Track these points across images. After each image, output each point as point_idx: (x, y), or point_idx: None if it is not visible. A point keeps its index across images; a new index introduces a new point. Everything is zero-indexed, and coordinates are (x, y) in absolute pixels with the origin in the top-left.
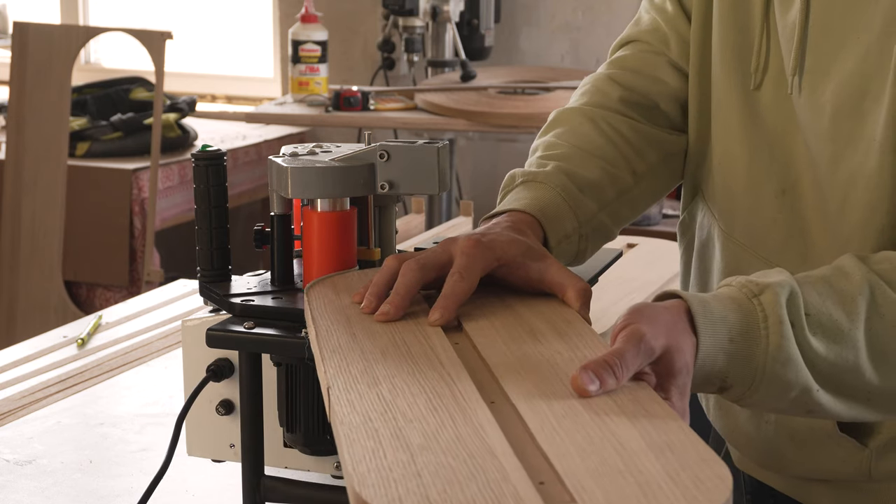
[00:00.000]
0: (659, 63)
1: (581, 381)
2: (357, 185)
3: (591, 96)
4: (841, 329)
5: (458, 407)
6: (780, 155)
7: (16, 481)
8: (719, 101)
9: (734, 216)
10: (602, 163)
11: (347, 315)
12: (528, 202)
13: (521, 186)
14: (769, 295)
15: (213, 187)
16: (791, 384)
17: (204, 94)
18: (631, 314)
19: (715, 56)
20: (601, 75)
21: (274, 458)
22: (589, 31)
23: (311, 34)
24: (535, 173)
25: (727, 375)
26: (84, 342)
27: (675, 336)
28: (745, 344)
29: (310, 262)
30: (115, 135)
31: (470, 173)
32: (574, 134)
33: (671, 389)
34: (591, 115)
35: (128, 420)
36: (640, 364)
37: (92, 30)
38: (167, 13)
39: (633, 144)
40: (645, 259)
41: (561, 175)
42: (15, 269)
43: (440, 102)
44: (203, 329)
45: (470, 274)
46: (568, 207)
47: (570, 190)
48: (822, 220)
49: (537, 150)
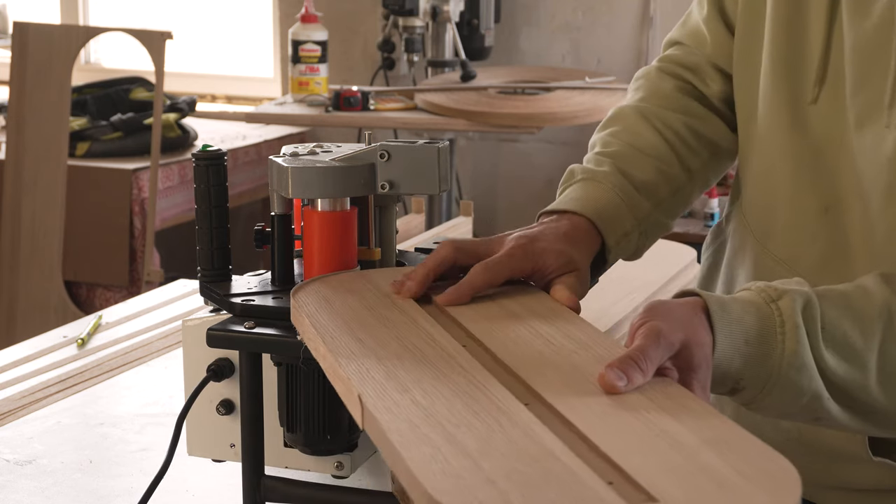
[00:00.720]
0: (701, 63)
1: (609, 378)
2: (357, 185)
3: (645, 91)
4: (854, 348)
5: (498, 410)
6: (826, 171)
7: (16, 481)
8: (764, 113)
9: (771, 230)
10: (657, 162)
11: (345, 320)
12: (587, 204)
13: (581, 184)
14: (787, 301)
15: (213, 187)
16: (803, 390)
17: (204, 94)
18: (648, 311)
19: (765, 69)
20: (653, 69)
21: (274, 458)
22: (589, 31)
23: (311, 34)
24: (594, 172)
25: (742, 377)
26: (84, 342)
27: (693, 330)
28: (760, 347)
29: (310, 262)
30: (115, 135)
31: (470, 173)
32: (629, 133)
33: (693, 384)
34: (645, 113)
35: (128, 420)
36: (661, 358)
37: (92, 30)
38: (167, 13)
39: (685, 141)
40: (645, 259)
41: (618, 175)
42: (15, 269)
43: (440, 102)
44: (203, 329)
45: (497, 270)
46: (626, 207)
47: (627, 190)
48: (865, 242)
49: (595, 146)
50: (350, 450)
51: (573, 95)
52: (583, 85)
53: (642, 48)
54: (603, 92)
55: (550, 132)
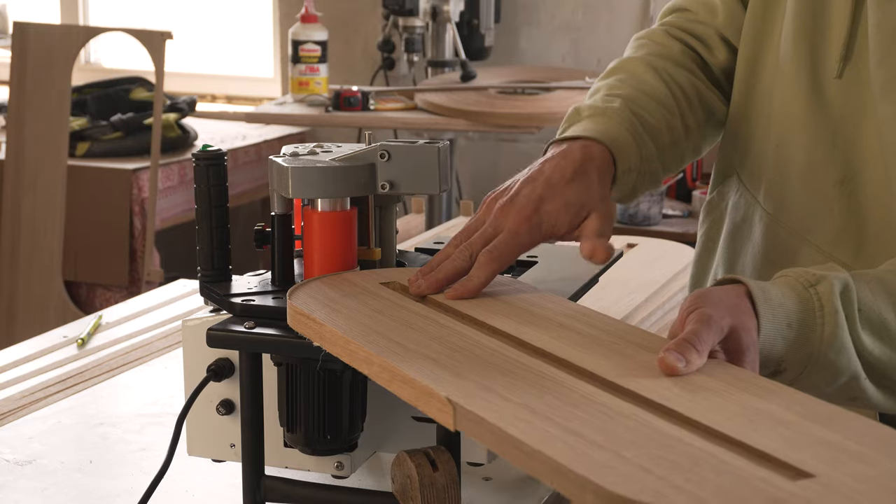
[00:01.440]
0: (708, 32)
1: (669, 360)
2: (358, 184)
3: (650, 48)
4: (889, 329)
5: (590, 400)
6: (843, 144)
7: (16, 481)
8: (783, 85)
9: (786, 201)
10: (662, 109)
11: (364, 323)
12: (600, 131)
13: (589, 119)
14: (825, 286)
15: (213, 187)
16: (842, 371)
17: (204, 94)
18: (696, 298)
19: (785, 44)
20: (658, 30)
21: (274, 458)
22: (589, 31)
23: (311, 34)
24: (603, 108)
25: (783, 359)
26: (84, 342)
27: (740, 316)
28: (801, 330)
29: (310, 262)
30: (115, 135)
31: (470, 173)
32: (636, 79)
33: (744, 367)
34: (652, 63)
35: (128, 420)
36: (713, 341)
37: (92, 30)
38: (167, 13)
39: (688, 97)
40: (645, 259)
41: (627, 111)
42: (15, 269)
43: (440, 102)
44: (203, 329)
45: (504, 257)
46: (634, 142)
47: (636, 126)
48: (883, 214)
49: (599, 91)
50: (350, 450)
51: (573, 95)
52: (583, 85)
53: None
54: None
55: (550, 132)
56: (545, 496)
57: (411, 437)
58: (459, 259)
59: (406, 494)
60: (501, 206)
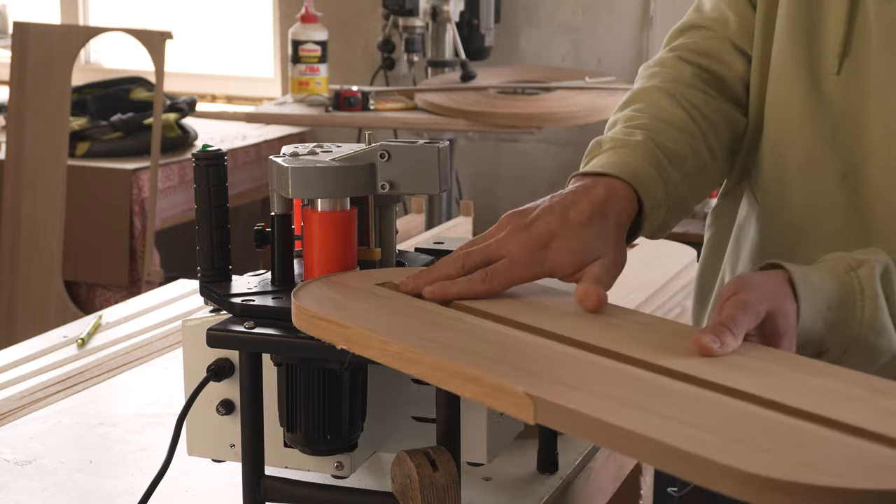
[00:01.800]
0: (723, 46)
1: (704, 341)
2: (357, 185)
3: (663, 76)
4: None
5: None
6: (844, 139)
7: (16, 481)
8: (779, 84)
9: (785, 199)
10: (684, 136)
11: (393, 323)
12: (621, 168)
13: (611, 152)
14: (866, 269)
15: (213, 187)
16: (882, 351)
17: (204, 94)
18: (736, 283)
19: (779, 40)
20: (668, 57)
21: (274, 458)
22: (589, 31)
23: (311, 34)
24: (624, 140)
25: (824, 340)
26: (84, 342)
27: (779, 301)
28: (841, 312)
29: (310, 262)
30: (115, 135)
31: (470, 173)
32: (655, 108)
33: (782, 349)
34: (669, 90)
35: (128, 420)
36: (749, 325)
37: (92, 30)
38: (167, 13)
39: (710, 120)
40: (645, 259)
41: (650, 143)
42: (15, 269)
43: (440, 102)
44: (203, 329)
45: (497, 284)
46: (658, 176)
47: (659, 158)
48: (887, 207)
49: (616, 123)
50: (350, 450)
51: (573, 95)
52: (583, 85)
53: (642, 48)
54: (603, 92)
55: (550, 132)
56: (545, 496)
57: (411, 437)
58: (452, 266)
59: (406, 494)
60: (514, 230)
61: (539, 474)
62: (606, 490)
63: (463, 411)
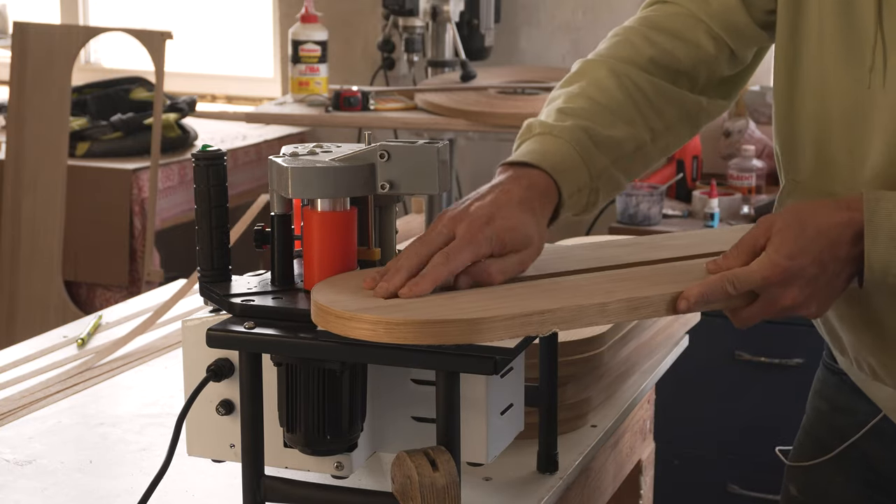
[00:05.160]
0: (696, 28)
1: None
2: (357, 185)
3: (619, 49)
4: None
5: None
6: None
7: (16, 481)
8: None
9: None
10: (621, 120)
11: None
12: (543, 157)
13: (538, 138)
14: None
15: (213, 187)
16: None
17: (204, 94)
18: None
19: (828, 46)
20: (636, 29)
21: (274, 458)
22: (589, 31)
23: (311, 34)
24: (552, 126)
25: None
26: (84, 342)
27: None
28: None
29: (310, 262)
30: (115, 135)
31: (470, 173)
32: (597, 88)
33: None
34: (615, 69)
35: (128, 420)
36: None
37: (92, 30)
38: (167, 13)
39: (652, 102)
40: None
41: (578, 131)
42: (15, 268)
43: (440, 102)
44: (203, 329)
45: (458, 260)
46: (581, 161)
47: (585, 145)
48: None
49: (557, 99)
50: (350, 450)
51: None
52: None
53: None
54: None
55: None
56: (545, 496)
57: (411, 437)
58: (416, 258)
59: (406, 494)
60: (453, 216)
61: (539, 474)
62: (606, 490)
63: (463, 411)
